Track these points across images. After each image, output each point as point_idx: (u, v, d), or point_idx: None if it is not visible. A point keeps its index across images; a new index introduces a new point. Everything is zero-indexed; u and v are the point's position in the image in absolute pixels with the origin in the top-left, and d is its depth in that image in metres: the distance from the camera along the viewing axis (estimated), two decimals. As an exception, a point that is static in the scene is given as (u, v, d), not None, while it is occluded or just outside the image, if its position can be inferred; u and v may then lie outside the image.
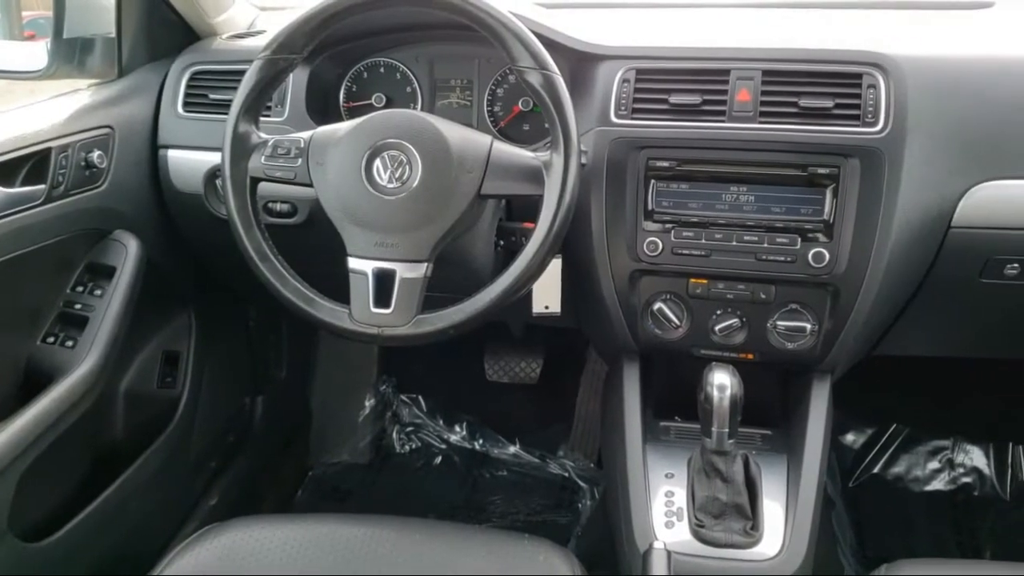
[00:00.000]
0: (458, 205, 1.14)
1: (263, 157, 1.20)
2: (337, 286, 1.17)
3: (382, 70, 1.55)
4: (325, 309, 1.17)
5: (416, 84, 1.54)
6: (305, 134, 1.21)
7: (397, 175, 1.14)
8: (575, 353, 2.31)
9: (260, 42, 1.34)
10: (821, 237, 1.28)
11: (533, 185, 1.15)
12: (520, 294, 1.16)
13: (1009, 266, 1.33)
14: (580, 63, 1.39)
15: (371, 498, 2.17)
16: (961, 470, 2.14)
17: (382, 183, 1.15)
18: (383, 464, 2.28)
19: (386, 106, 1.53)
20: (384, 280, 1.13)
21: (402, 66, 1.54)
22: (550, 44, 1.29)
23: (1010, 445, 2.12)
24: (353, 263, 1.14)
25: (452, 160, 1.14)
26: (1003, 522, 2.03)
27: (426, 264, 1.13)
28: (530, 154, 1.17)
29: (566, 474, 2.18)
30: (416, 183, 1.13)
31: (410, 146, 1.15)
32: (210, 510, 1.86)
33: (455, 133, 1.17)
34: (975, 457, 2.15)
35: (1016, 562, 1.13)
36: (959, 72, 1.33)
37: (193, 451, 1.81)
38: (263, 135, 1.22)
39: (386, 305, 1.13)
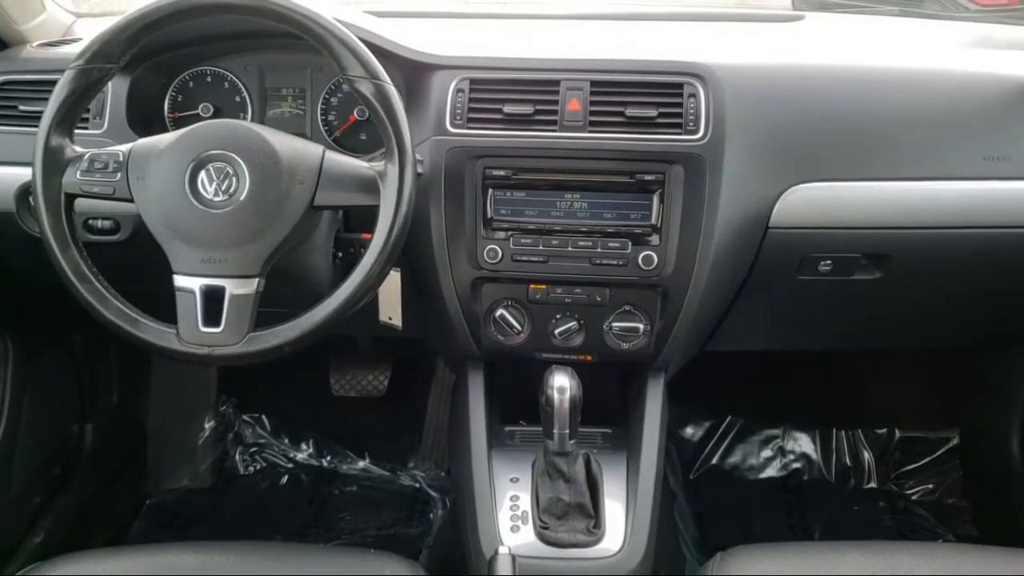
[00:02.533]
0: (290, 217, 1.11)
1: (79, 172, 1.14)
2: (167, 305, 1.12)
3: (209, 79, 1.50)
4: (151, 330, 1.12)
5: (245, 93, 1.50)
6: (124, 147, 1.16)
7: (224, 188, 1.11)
8: (424, 363, 2.31)
9: (74, 50, 1.27)
10: (650, 241, 1.33)
11: (368, 195, 1.14)
12: (359, 306, 1.14)
13: (823, 263, 1.42)
14: (414, 72, 1.39)
15: (214, 524, 2.08)
16: (791, 457, 2.27)
17: (208, 196, 1.11)
18: (226, 487, 2.20)
19: (214, 116, 1.48)
20: (213, 297, 1.09)
21: (230, 75, 1.49)
22: (382, 53, 1.30)
23: (834, 431, 2.26)
24: (179, 280, 1.10)
25: (282, 171, 1.11)
26: (829, 503, 2.16)
27: (258, 279, 1.10)
28: (365, 164, 1.16)
29: (417, 485, 2.16)
30: (244, 196, 1.10)
31: (237, 157, 1.11)
32: (35, 548, 1.74)
33: (285, 143, 1.14)
34: (803, 444, 2.28)
35: (835, 541, 1.21)
36: (773, 81, 1.41)
37: (14, 487, 1.68)
38: (79, 149, 1.16)
39: (216, 323, 1.09)
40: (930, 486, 2.18)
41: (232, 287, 1.09)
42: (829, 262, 1.41)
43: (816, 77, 1.42)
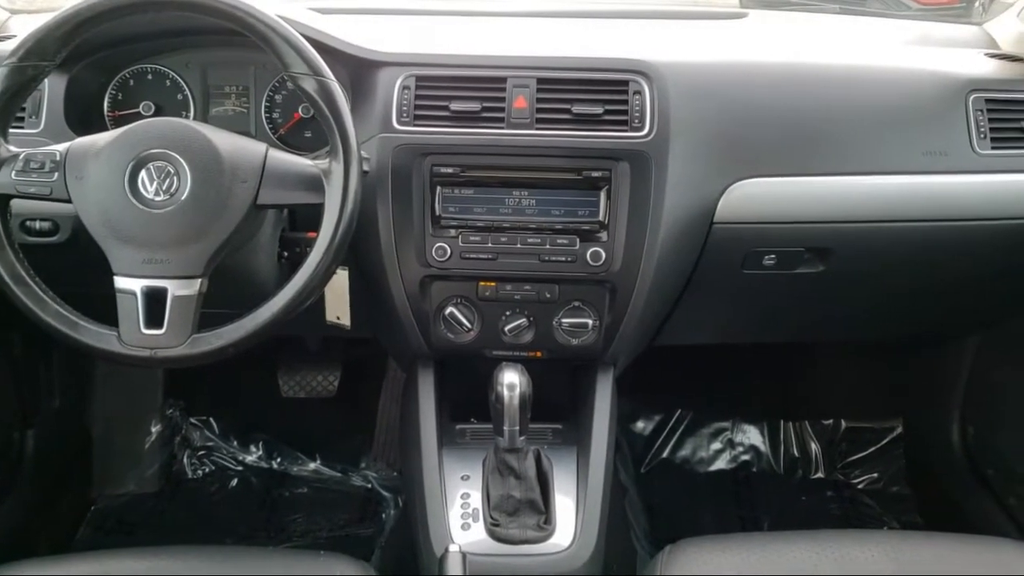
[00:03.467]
0: (233, 217, 1.10)
1: (13, 172, 1.11)
2: (108, 308, 1.10)
3: (150, 77, 1.47)
4: (91, 333, 1.10)
5: (188, 91, 1.47)
6: (61, 146, 1.13)
7: (164, 187, 1.09)
8: (375, 362, 2.29)
9: (7, 47, 1.23)
10: (598, 237, 1.33)
11: (313, 193, 1.13)
12: (304, 306, 1.13)
13: (767, 257, 1.44)
14: (360, 69, 1.38)
15: (162, 529, 2.05)
16: (740, 449, 2.30)
17: (148, 196, 1.09)
18: (174, 492, 2.16)
19: (155, 115, 1.45)
20: (155, 299, 1.08)
21: (172, 72, 1.47)
22: (326, 50, 1.28)
23: (782, 423, 2.30)
24: (120, 282, 1.08)
25: (224, 170, 1.10)
26: (778, 494, 2.20)
27: (200, 280, 1.09)
28: (309, 162, 1.15)
29: (369, 486, 2.15)
30: (185, 195, 1.09)
31: (177, 156, 1.10)
32: None
33: (227, 141, 1.13)
34: (752, 436, 2.31)
35: (782, 531, 1.23)
36: (716, 79, 1.42)
37: (-50, 497, 1.64)
38: (13, 148, 1.13)
39: (158, 325, 1.07)
40: (875, 475, 2.23)
41: (174, 288, 1.08)
42: (773, 256, 1.44)
43: (758, 74, 1.44)
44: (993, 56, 1.59)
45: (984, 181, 1.42)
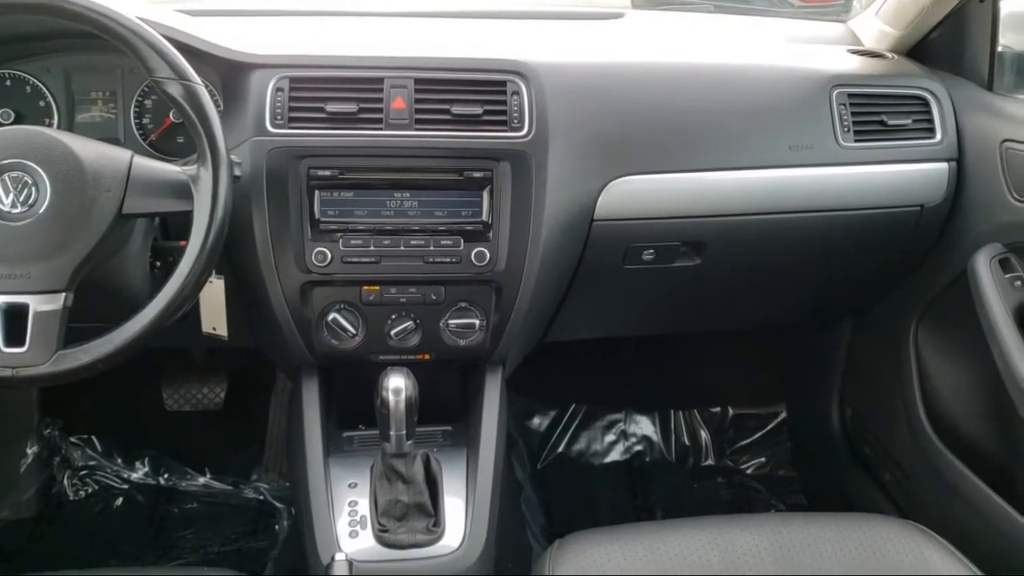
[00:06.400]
0: (97, 227, 1.06)
1: None
2: None
3: (8, 83, 1.40)
4: None
5: (50, 98, 1.41)
6: None
7: (22, 198, 1.04)
8: (263, 372, 2.24)
9: None
10: (481, 237, 1.34)
11: (181, 201, 1.09)
12: (176, 317, 1.10)
13: (646, 252, 1.47)
14: (231, 72, 1.34)
15: (42, 554, 1.96)
16: (634, 440, 2.35)
17: (4, 208, 1.04)
18: (55, 515, 2.06)
19: (15, 123, 1.38)
20: (15, 315, 1.02)
21: (32, 78, 1.40)
22: (193, 52, 1.25)
23: (672, 412, 2.36)
24: None
25: (86, 179, 1.05)
26: (671, 482, 2.25)
27: (64, 294, 1.04)
28: (177, 168, 1.12)
29: (261, 497, 2.10)
30: (45, 206, 1.04)
31: (35, 166, 1.05)
32: None
33: (89, 149, 1.08)
34: (644, 427, 2.36)
35: (670, 520, 1.26)
36: (592, 78, 1.45)
37: None
38: None
39: (20, 343, 1.02)
40: (762, 459, 2.31)
41: (36, 303, 1.03)
42: (652, 251, 1.47)
43: (633, 74, 1.47)
44: (855, 52, 1.67)
45: (847, 173, 1.48)
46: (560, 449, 2.30)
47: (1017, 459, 1.51)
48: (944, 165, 1.53)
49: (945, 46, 1.64)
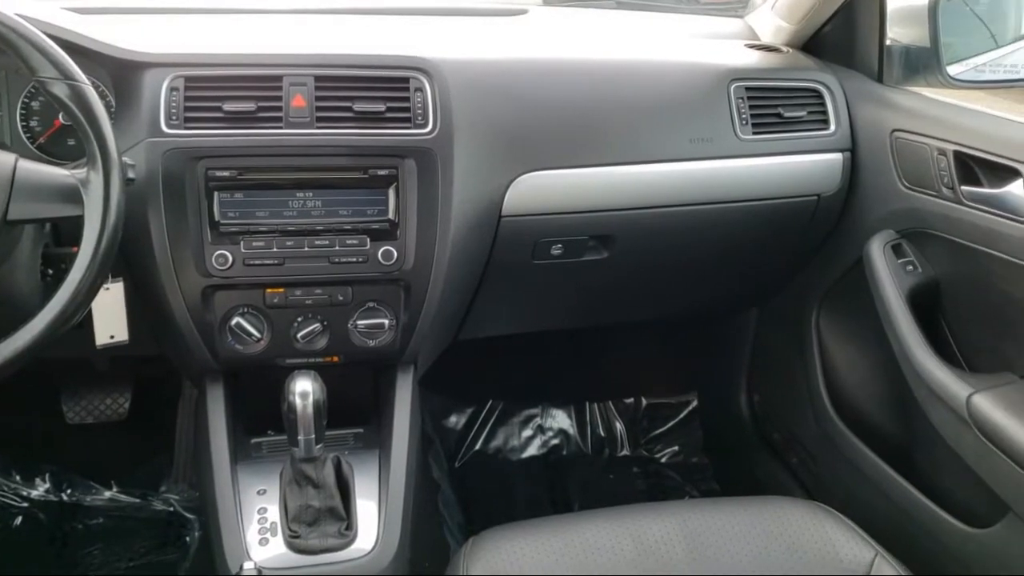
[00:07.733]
0: None
1: None
2: None
3: None
4: None
5: None
6: None
7: None
8: (170, 380, 2.17)
9: None
10: (388, 236, 1.32)
11: (71, 206, 1.05)
12: (69, 325, 1.05)
13: (554, 247, 1.48)
14: (122, 72, 1.30)
15: None
16: (550, 433, 2.36)
17: None
18: (-54, 540, 1.97)
19: None
20: None
21: None
22: (81, 52, 1.21)
23: (587, 404, 2.38)
24: None
25: None
26: (587, 474, 2.27)
27: None
28: (65, 172, 1.07)
29: (171, 509, 2.04)
30: None
31: None
32: None
33: None
34: (560, 420, 2.38)
35: (584, 511, 1.27)
36: (495, 75, 1.45)
37: None
38: None
39: None
40: (676, 448, 2.35)
41: None
42: (560, 246, 1.48)
43: (536, 71, 1.48)
44: (752, 47, 1.71)
45: (746, 165, 1.52)
46: (477, 446, 2.30)
47: (914, 438, 1.57)
48: (839, 155, 1.58)
49: (837, 40, 1.69)
